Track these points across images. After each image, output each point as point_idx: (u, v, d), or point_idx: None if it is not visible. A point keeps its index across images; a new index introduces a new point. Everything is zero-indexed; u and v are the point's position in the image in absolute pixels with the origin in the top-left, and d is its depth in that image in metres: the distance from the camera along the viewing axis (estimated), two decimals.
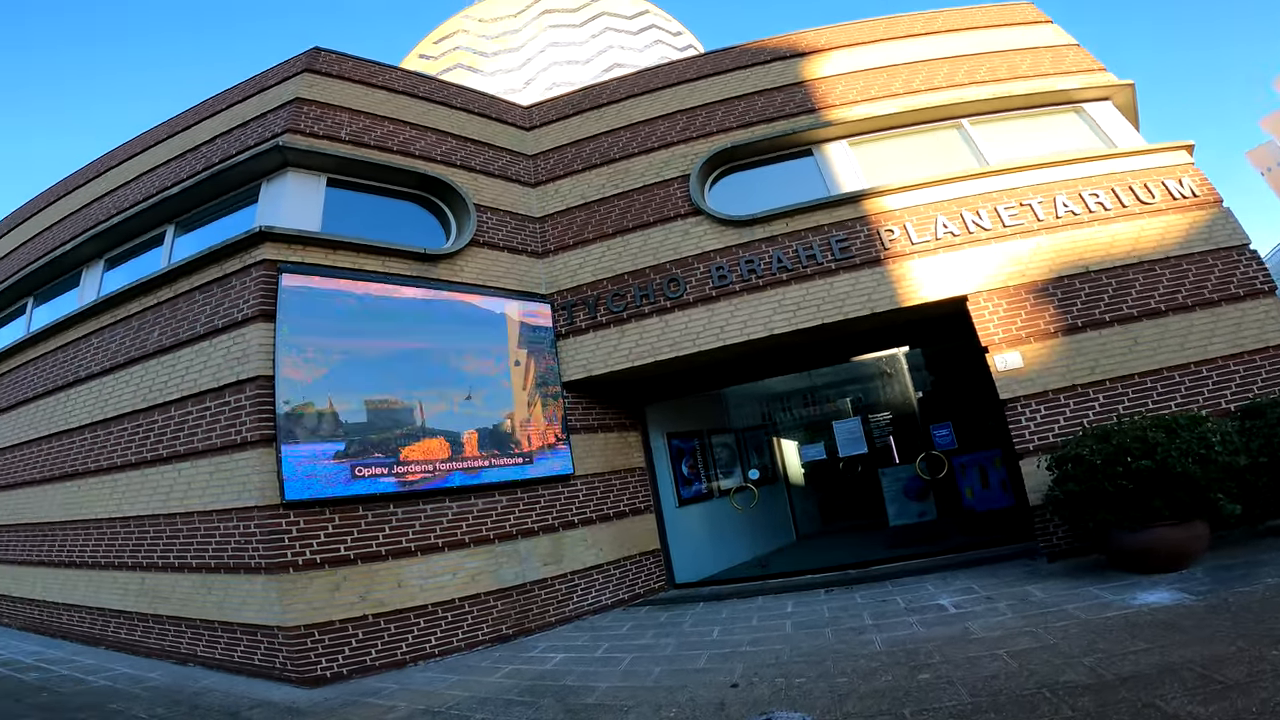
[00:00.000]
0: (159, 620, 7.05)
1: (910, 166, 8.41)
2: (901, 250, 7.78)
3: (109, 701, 5.39)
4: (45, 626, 8.49)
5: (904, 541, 8.87)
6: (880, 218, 7.94)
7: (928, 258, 7.71)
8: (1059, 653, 4.30)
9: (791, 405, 11.48)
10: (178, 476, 6.97)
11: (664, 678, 5.10)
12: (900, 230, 7.84)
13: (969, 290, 7.54)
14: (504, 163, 9.09)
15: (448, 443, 7.24)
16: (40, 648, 7.69)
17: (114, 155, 9.48)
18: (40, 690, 5.71)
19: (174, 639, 6.89)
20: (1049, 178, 7.94)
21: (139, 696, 5.60)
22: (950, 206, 7.88)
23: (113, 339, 8.00)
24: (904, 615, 5.84)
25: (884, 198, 8.01)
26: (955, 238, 7.75)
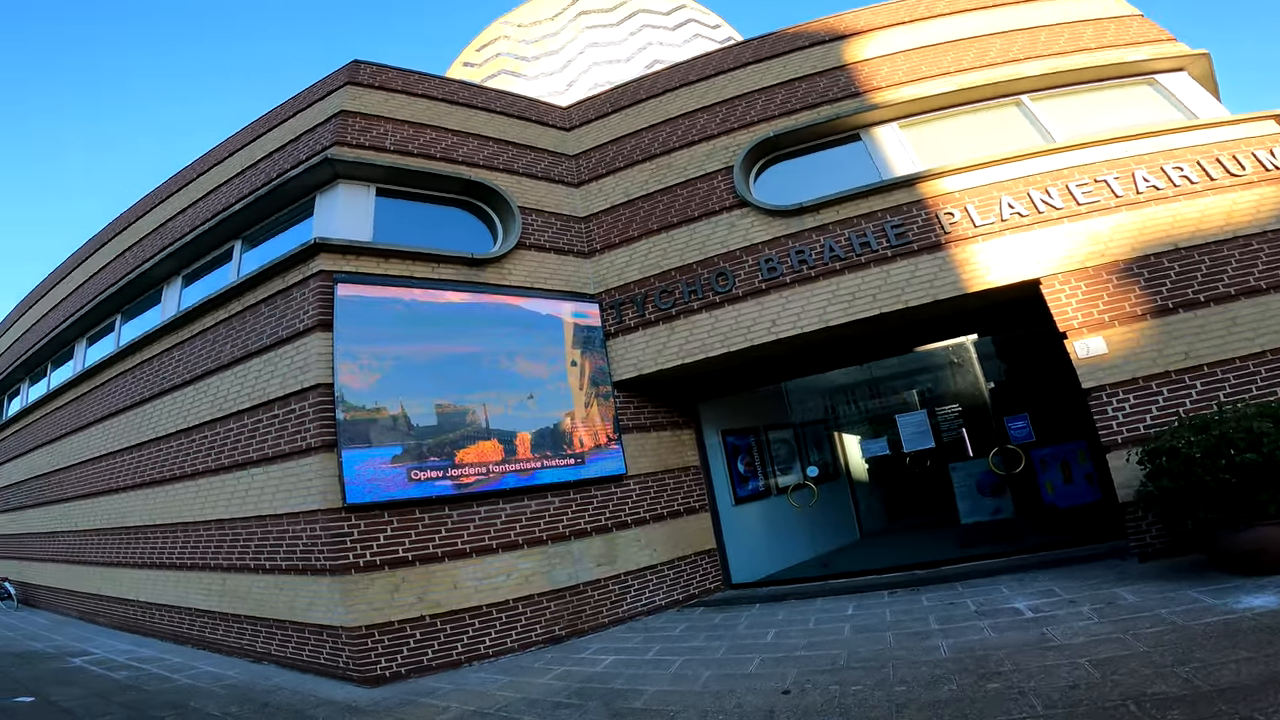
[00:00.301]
0: (238, 619, 7.43)
1: (968, 147, 7.95)
2: (963, 234, 7.34)
3: (189, 700, 5.68)
4: (138, 625, 9.10)
5: (976, 540, 8.38)
6: (938, 201, 7.52)
7: (993, 240, 7.25)
8: (1149, 661, 3.91)
9: (853, 399, 11.04)
10: (251, 482, 7.30)
11: (713, 682, 4.95)
12: (961, 213, 7.40)
13: (1042, 273, 7.05)
14: (546, 164, 9.11)
15: (501, 445, 7.30)
16: (132, 646, 8.24)
17: (184, 174, 10.06)
18: (128, 689, 6.07)
19: (250, 638, 7.24)
20: (1125, 152, 7.37)
21: (216, 694, 5.88)
22: (1016, 186, 7.39)
23: (191, 352, 8.48)
24: (974, 619, 5.47)
25: (941, 180, 7.58)
26: (1023, 218, 7.25)
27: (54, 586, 11.64)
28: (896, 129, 8.31)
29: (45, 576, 11.94)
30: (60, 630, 9.68)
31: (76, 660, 7.43)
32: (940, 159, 7.84)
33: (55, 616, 11.20)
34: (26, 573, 12.68)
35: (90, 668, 7.03)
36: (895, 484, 11.26)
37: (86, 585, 10.51)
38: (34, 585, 12.36)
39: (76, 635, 9.16)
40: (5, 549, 13.92)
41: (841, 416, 11.20)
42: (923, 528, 9.97)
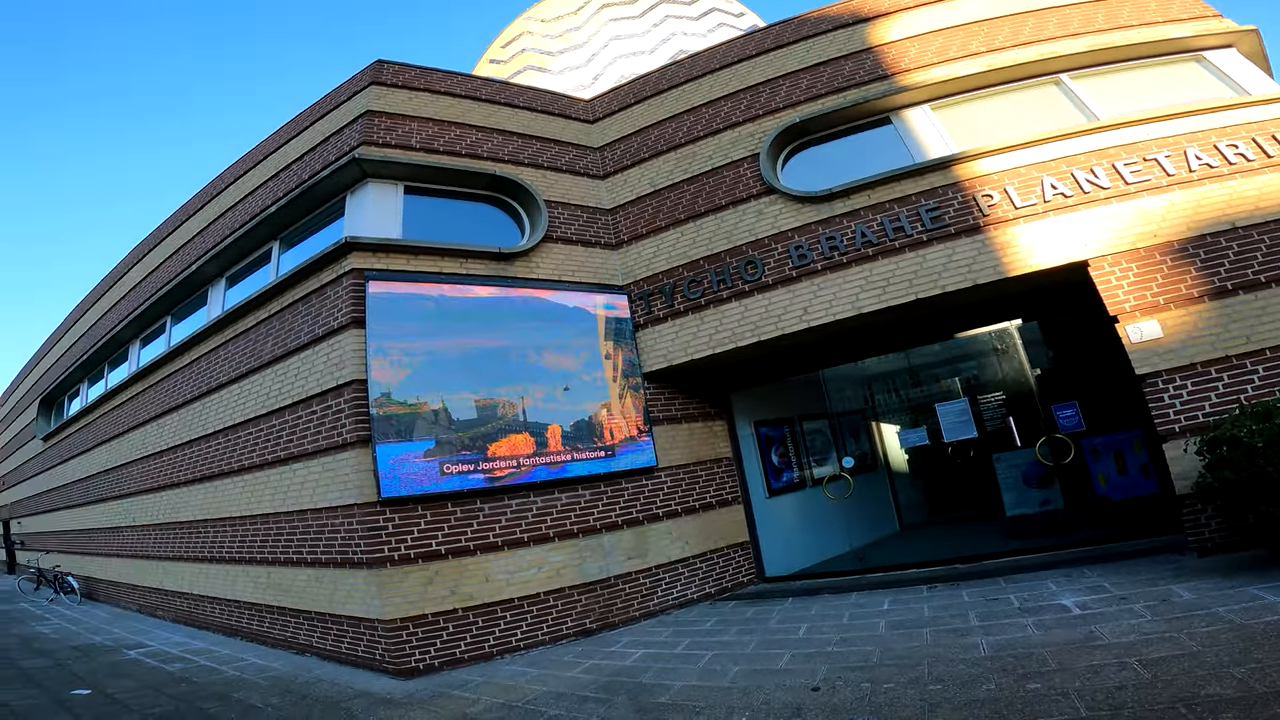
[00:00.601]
0: (282, 612, 7.65)
1: (1005, 127, 7.66)
2: (1003, 216, 7.05)
3: (234, 691, 5.87)
4: (192, 618, 9.47)
5: (1022, 533, 8.07)
6: (975, 183, 7.24)
7: (1035, 222, 6.95)
8: (1203, 662, 3.69)
9: (891, 387, 10.74)
10: (293, 477, 7.50)
11: (741, 678, 4.87)
12: (1000, 195, 7.12)
13: (1090, 255, 6.73)
14: (571, 157, 9.08)
15: (532, 438, 7.33)
16: (186, 639, 8.56)
17: (223, 178, 10.35)
18: (179, 681, 6.31)
19: (294, 630, 7.45)
20: (1175, 130, 7.02)
21: (259, 685, 6.07)
22: (1058, 166, 7.08)
23: (235, 351, 8.75)
24: (1017, 616, 5.26)
25: (978, 161, 7.30)
26: (1067, 199, 6.93)
27: (115, 580, 12.20)
28: (928, 111, 8.04)
29: (107, 571, 12.53)
30: (119, 623, 10.13)
31: (132, 653, 7.76)
32: (976, 140, 7.57)
33: (115, 610, 11.73)
34: (89, 567, 13.32)
35: (145, 660, 7.34)
36: (936, 475, 10.91)
37: (145, 579, 10.99)
38: (96, 579, 12.98)
39: (134, 628, 9.58)
40: (69, 544, 14.66)
41: (879, 406, 10.91)
42: (965, 520, 9.64)
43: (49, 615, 11.28)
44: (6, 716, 5.16)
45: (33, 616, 11.16)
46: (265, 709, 5.30)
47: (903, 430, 10.38)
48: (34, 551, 16.92)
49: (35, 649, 8.06)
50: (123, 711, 5.28)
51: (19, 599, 14.06)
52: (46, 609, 12.20)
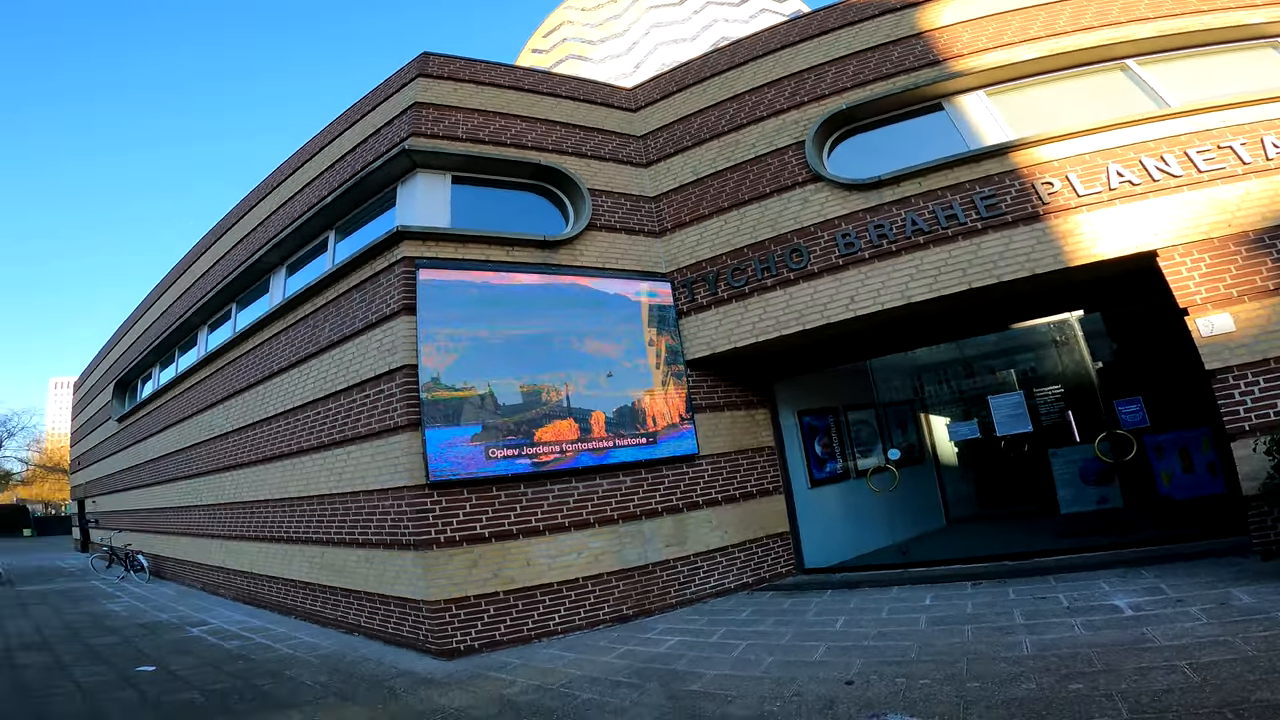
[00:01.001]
0: (334, 592, 8.00)
1: (1066, 114, 7.34)
2: (1064, 204, 6.78)
3: (286, 669, 6.18)
4: (252, 597, 9.98)
5: (1077, 531, 7.79)
6: (1035, 170, 6.97)
7: (1100, 210, 6.66)
8: (1256, 667, 3.55)
9: (942, 378, 10.46)
10: (348, 459, 7.82)
11: (775, 668, 4.89)
12: (1061, 182, 6.84)
13: (1159, 244, 6.43)
14: (614, 146, 9.10)
15: (576, 424, 7.44)
16: (245, 617, 9.02)
17: (282, 170, 10.76)
18: (237, 658, 6.67)
19: (344, 609, 7.79)
20: (1252, 117, 6.60)
21: (310, 663, 6.37)
22: (1125, 153, 6.76)
23: (296, 336, 9.13)
24: (1065, 616, 5.11)
25: (1038, 148, 7.03)
26: (1134, 187, 6.62)
27: (181, 559, 12.95)
28: (983, 97, 7.78)
29: (174, 549, 13.29)
30: (184, 601, 10.72)
31: (195, 630, 8.22)
32: (1035, 127, 7.28)
33: (181, 587, 12.42)
34: (158, 545, 14.14)
35: (206, 637, 7.76)
36: (987, 469, 10.59)
37: (208, 558, 11.63)
38: (164, 557, 13.78)
39: (198, 606, 10.12)
40: (140, 523, 15.58)
41: (929, 397, 10.65)
42: (1015, 517, 9.35)
43: (119, 593, 11.97)
44: (74, 693, 5.49)
45: (104, 594, 11.84)
46: (314, 686, 5.57)
47: (953, 423, 10.11)
48: (107, 530, 17.99)
49: (105, 626, 8.59)
50: (184, 688, 5.61)
51: (91, 576, 14.96)
52: (117, 586, 12.96)
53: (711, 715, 4.19)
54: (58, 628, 8.52)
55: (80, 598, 11.46)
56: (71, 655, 6.90)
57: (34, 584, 13.76)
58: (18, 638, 7.88)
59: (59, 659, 6.74)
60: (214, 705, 5.11)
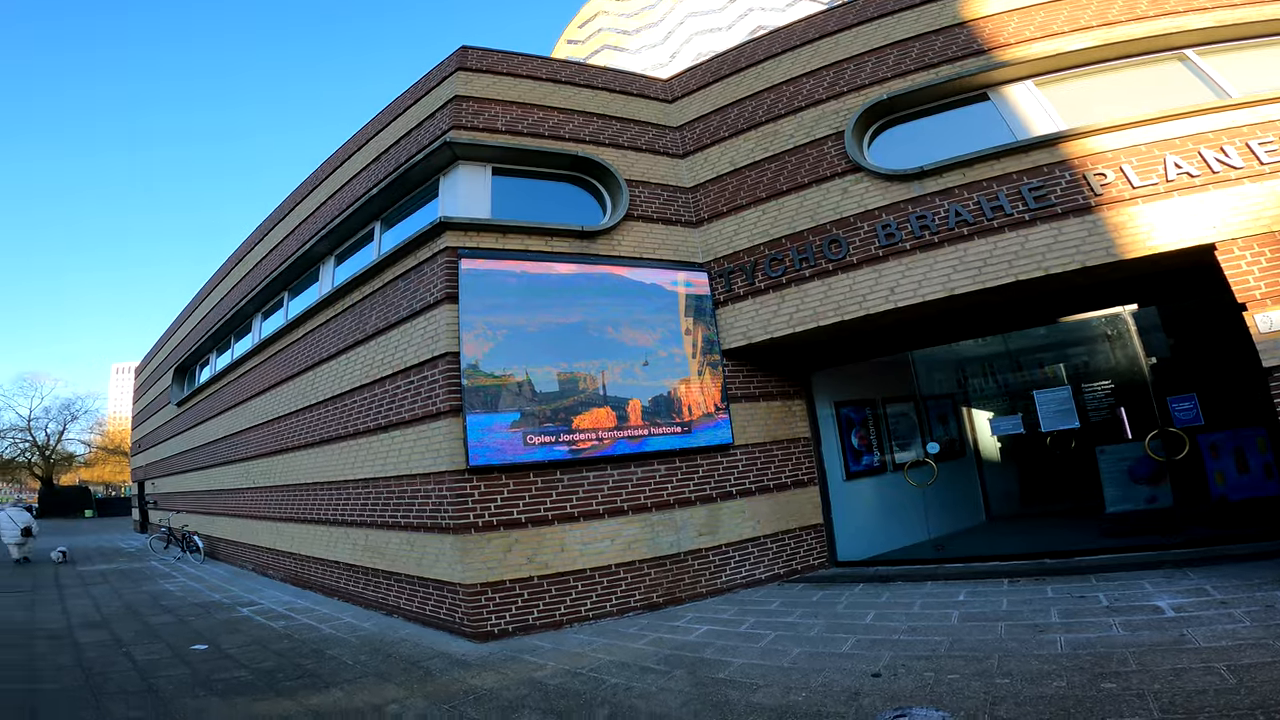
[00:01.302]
0: (375, 574, 8.30)
1: (1120, 104, 7.08)
2: (1118, 195, 6.57)
3: (328, 648, 6.47)
4: (299, 578, 10.40)
5: (1123, 530, 7.58)
6: (1087, 161, 6.77)
7: (1156, 202, 6.44)
8: None
9: (986, 372, 10.22)
10: (391, 444, 8.09)
11: (802, 659, 4.93)
12: (1115, 173, 6.63)
13: (1218, 237, 6.17)
14: (650, 137, 9.12)
15: (613, 412, 7.55)
16: (292, 598, 9.41)
17: (329, 163, 11.09)
18: (283, 638, 7.00)
19: (385, 591, 8.08)
20: None
21: (350, 644, 6.65)
22: (1184, 144, 6.52)
23: (343, 324, 9.46)
24: (1103, 615, 5.02)
25: (1090, 139, 6.81)
26: (1193, 179, 6.38)
27: (234, 540, 13.55)
28: (1032, 87, 7.57)
29: (229, 530, 13.91)
30: (236, 582, 11.20)
31: (244, 610, 8.64)
32: (1088, 117, 7.06)
33: (233, 568, 12.97)
34: (213, 527, 14.82)
35: (255, 618, 8.15)
36: (1031, 466, 10.34)
37: (259, 539, 12.16)
38: (219, 539, 14.44)
39: (248, 587, 10.59)
40: (195, 505, 16.34)
41: (972, 391, 10.43)
42: (1059, 515, 9.13)
43: (175, 573, 12.59)
44: (131, 670, 5.82)
45: (161, 574, 12.47)
46: (354, 666, 5.82)
47: (995, 417, 9.89)
48: (165, 511, 18.82)
49: (162, 606, 9.08)
50: (234, 666, 5.91)
51: (150, 557, 15.71)
52: (174, 566, 13.60)
53: (736, 703, 4.26)
54: (117, 607, 9.02)
55: (139, 577, 12.09)
56: (130, 634, 7.29)
57: (96, 564, 14.48)
58: (80, 616, 8.36)
59: (118, 637, 7.14)
60: (261, 683, 5.38)
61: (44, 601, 9.47)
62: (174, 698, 5.01)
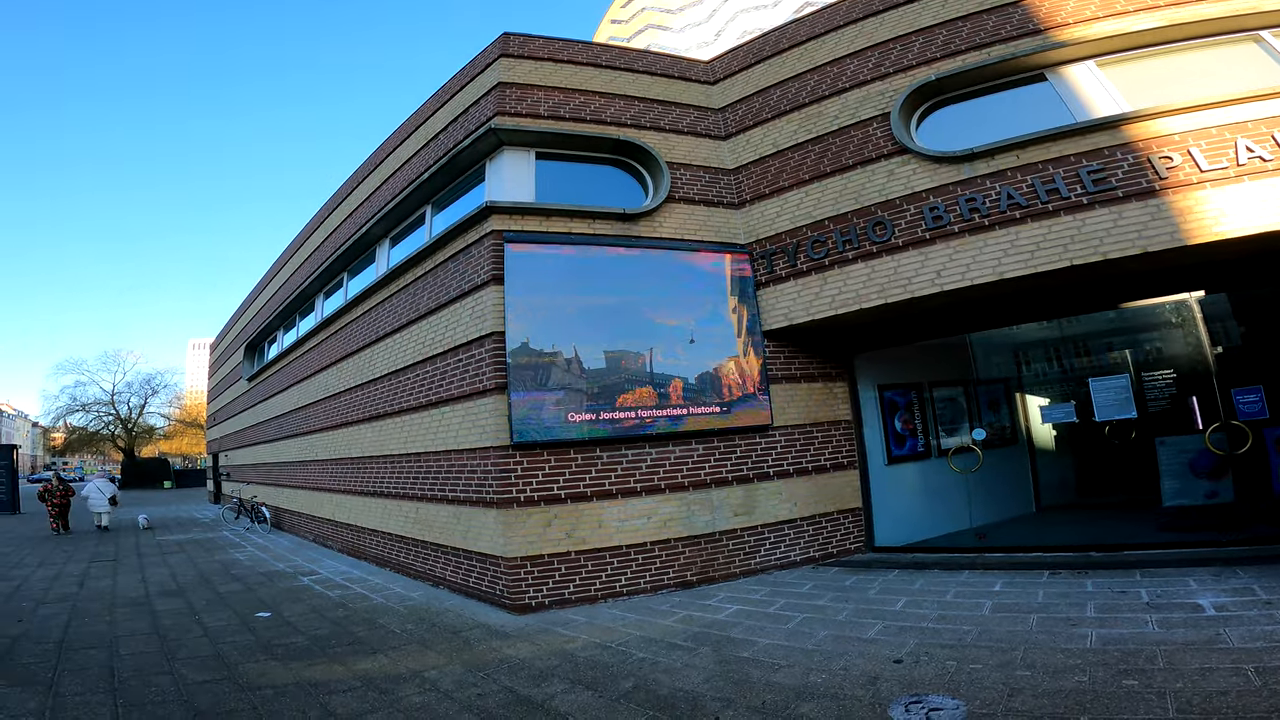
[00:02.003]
0: (424, 546, 8.73)
1: (1187, 87, 6.73)
2: (1184, 179, 6.27)
3: (378, 617, 6.87)
4: (355, 549, 10.99)
5: (1180, 525, 7.31)
6: (1151, 143, 6.46)
7: (1226, 187, 6.14)
8: None
9: (1041, 357, 9.91)
10: (442, 419, 8.44)
11: (827, 642, 5.01)
12: (1182, 157, 6.32)
13: None
14: (692, 119, 9.09)
15: (654, 391, 7.68)
16: (349, 568, 9.96)
17: (383, 148, 11.45)
18: (338, 606, 7.46)
19: (432, 563, 8.50)
20: None
21: (398, 613, 7.05)
22: (1257, 128, 6.17)
23: (398, 304, 9.87)
24: (1140, 612, 4.91)
25: (1156, 121, 6.50)
26: (1265, 163, 6.07)
27: (298, 511, 14.36)
28: (1093, 67, 7.23)
29: (294, 502, 14.74)
30: (299, 552, 11.86)
31: (305, 580, 9.19)
32: (1152, 99, 6.72)
33: (297, 539, 13.73)
34: (279, 499, 15.71)
35: (314, 587, 8.68)
36: (1086, 455, 9.99)
37: (320, 511, 12.86)
38: (284, 510, 15.31)
39: (310, 557, 11.22)
40: (264, 477, 17.32)
41: (1026, 376, 10.13)
42: (1113, 507, 8.83)
43: (244, 543, 13.41)
44: (202, 636, 6.29)
45: (232, 544, 13.30)
46: (400, 634, 6.18)
47: (1049, 405, 9.59)
48: (236, 483, 19.91)
49: (232, 575, 9.73)
50: (292, 633, 6.35)
51: (222, 527, 16.75)
52: (243, 537, 14.48)
53: (757, 681, 4.39)
54: (192, 575, 9.70)
55: (212, 547, 12.94)
56: (203, 602, 7.84)
57: (174, 534, 15.53)
58: (157, 585, 9.01)
59: (191, 605, 7.70)
60: (316, 649, 5.77)
61: (126, 569, 10.27)
62: (239, 662, 5.38)
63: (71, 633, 6.40)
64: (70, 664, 5.39)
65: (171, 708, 4.42)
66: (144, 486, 44.57)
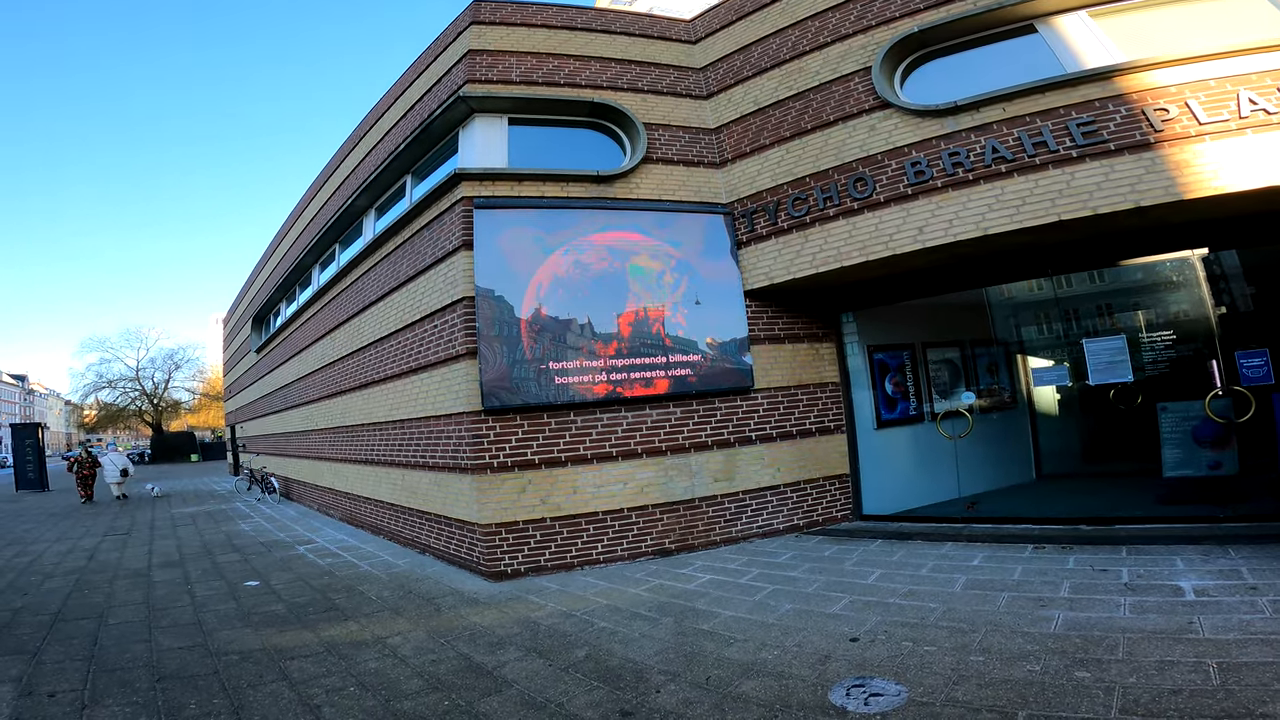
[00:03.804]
0: (410, 513, 8.76)
1: (1184, 37, 6.27)
2: (1181, 132, 5.85)
3: (361, 585, 6.93)
4: (352, 517, 11.09)
5: (1179, 498, 7.02)
6: (1146, 95, 6.03)
7: (1226, 140, 5.72)
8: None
9: (1041, 317, 9.48)
10: (421, 386, 8.39)
11: (789, 616, 4.90)
12: (1179, 109, 5.89)
13: None
14: (671, 79, 8.71)
15: (628, 353, 7.50)
16: (346, 537, 10.04)
17: (367, 119, 11.25)
18: (325, 575, 7.52)
19: (418, 530, 8.53)
20: None
21: (381, 580, 7.09)
22: (1261, 80, 5.71)
23: (381, 273, 9.76)
24: (1116, 594, 4.69)
25: (1152, 72, 6.05)
26: (1270, 115, 5.64)
27: (303, 481, 14.54)
28: (1085, 17, 6.76)
29: (299, 472, 14.94)
30: (301, 521, 12.00)
31: (301, 549, 9.29)
32: (1148, 50, 6.26)
33: (302, 508, 13.90)
34: (287, 469, 15.93)
35: (308, 555, 8.76)
36: (1090, 421, 9.64)
37: (320, 480, 13.00)
38: (292, 480, 15.53)
39: (311, 526, 11.34)
40: (273, 447, 17.55)
41: (1026, 337, 9.73)
42: (1114, 476, 8.52)
43: (252, 514, 13.61)
44: (188, 605, 6.40)
45: (241, 515, 13.50)
46: (376, 601, 6.23)
47: (1041, 368, 9.21)
48: (250, 454, 20.28)
49: (233, 545, 9.87)
50: (274, 601, 6.44)
51: (235, 498, 17.08)
52: (253, 508, 14.71)
53: (708, 655, 4.30)
54: (196, 547, 9.85)
55: (222, 518, 13.15)
56: (199, 572, 7.98)
57: (189, 506, 15.83)
58: (161, 556, 9.18)
59: (187, 575, 7.83)
60: (292, 616, 5.84)
61: (136, 542, 10.48)
62: (215, 630, 5.51)
63: (70, 604, 6.58)
64: (60, 634, 5.56)
65: (138, 672, 4.54)
66: (171, 460, 45.69)
